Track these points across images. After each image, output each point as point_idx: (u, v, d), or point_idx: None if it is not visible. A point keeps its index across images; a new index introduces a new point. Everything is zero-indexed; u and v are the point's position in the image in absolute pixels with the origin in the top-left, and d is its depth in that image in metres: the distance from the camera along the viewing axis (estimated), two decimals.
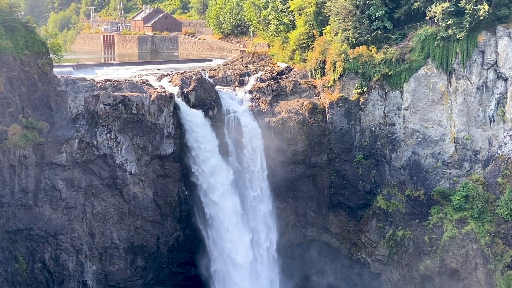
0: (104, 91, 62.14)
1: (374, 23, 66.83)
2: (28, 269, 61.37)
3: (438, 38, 62.77)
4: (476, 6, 60.71)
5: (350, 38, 67.16)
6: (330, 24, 70.34)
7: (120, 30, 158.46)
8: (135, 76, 70.07)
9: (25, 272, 61.04)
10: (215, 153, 64.40)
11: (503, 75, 60.88)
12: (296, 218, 69.43)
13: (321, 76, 69.43)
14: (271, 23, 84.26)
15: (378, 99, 65.44)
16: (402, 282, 63.92)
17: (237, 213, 64.94)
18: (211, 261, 65.56)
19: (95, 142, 61.63)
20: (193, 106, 64.94)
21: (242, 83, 71.47)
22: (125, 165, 63.32)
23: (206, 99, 65.68)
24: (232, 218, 64.54)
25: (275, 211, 67.73)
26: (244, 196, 66.50)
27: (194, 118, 64.42)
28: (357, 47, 66.55)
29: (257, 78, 71.08)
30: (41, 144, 59.54)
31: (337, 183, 67.66)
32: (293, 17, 78.86)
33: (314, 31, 73.42)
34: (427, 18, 64.32)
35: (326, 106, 67.04)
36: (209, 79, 68.99)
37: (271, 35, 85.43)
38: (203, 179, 64.44)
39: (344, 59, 66.30)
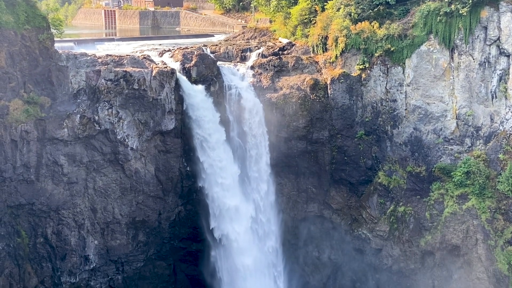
0: (106, 66, 61.96)
1: None
2: (31, 243, 61.68)
3: (440, 13, 62.44)
4: None
5: (352, 14, 66.86)
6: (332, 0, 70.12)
7: (121, 5, 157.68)
8: (136, 52, 69.80)
9: (27, 246, 61.37)
10: (216, 128, 64.38)
11: (505, 51, 60.62)
12: (297, 193, 69.59)
13: (323, 52, 69.21)
14: None
15: (380, 75, 65.27)
16: (402, 257, 64.17)
17: (238, 188, 65.00)
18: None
19: (96, 118, 61.58)
20: (194, 81, 64.80)
21: (243, 59, 71.20)
22: (126, 140, 63.34)
23: (207, 74, 65.54)
24: (234, 194, 64.62)
25: (276, 187, 67.84)
26: (245, 171, 66.51)
27: (195, 94, 64.28)
28: (359, 23, 66.26)
29: (259, 54, 70.84)
30: (42, 119, 59.48)
31: (339, 159, 67.72)
32: None
33: (316, 6, 73.09)
34: None
35: (328, 82, 66.89)
36: (211, 55, 68.77)
37: (273, 11, 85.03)
38: (204, 154, 64.42)
39: (346, 35, 66.04)
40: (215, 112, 64.53)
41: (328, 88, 66.94)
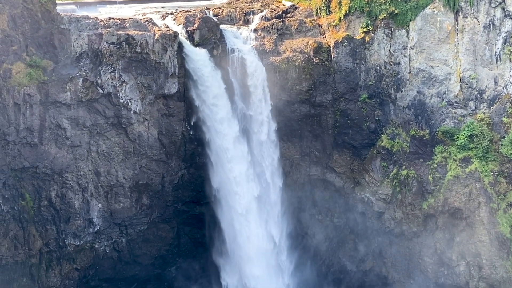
0: (108, 29, 61.57)
1: None
2: (35, 206, 62.00)
3: None
4: None
5: None
6: None
7: None
8: (138, 15, 69.34)
9: (31, 209, 61.70)
10: (219, 91, 64.26)
11: (510, 13, 60.11)
12: (300, 157, 69.67)
13: (327, 15, 68.73)
14: None
15: (383, 38, 64.87)
16: (405, 220, 64.43)
17: (241, 152, 65.13)
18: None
19: (99, 81, 61.44)
20: (197, 45, 64.50)
21: (246, 22, 70.71)
22: (129, 104, 63.28)
23: (210, 38, 65.21)
24: (236, 155, 64.80)
25: (279, 150, 67.91)
26: (248, 135, 66.52)
27: (198, 57, 64.04)
28: None
29: (262, 17, 70.34)
30: (45, 82, 59.33)
31: (342, 123, 67.65)
32: None
33: None
34: None
35: (331, 45, 66.53)
36: (214, 18, 68.31)
37: None
38: (207, 116, 64.43)
39: None
40: (217, 75, 64.32)
41: (332, 51, 66.61)
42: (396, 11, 63.84)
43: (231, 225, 65.42)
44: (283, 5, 77.16)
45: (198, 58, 63.94)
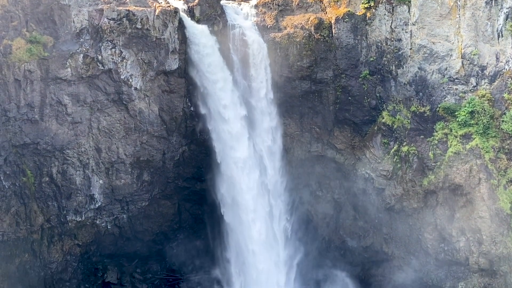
0: (108, 5, 61.40)
1: None
2: (36, 182, 62.15)
3: None
4: None
5: None
6: None
7: None
8: None
9: (33, 185, 61.87)
10: (220, 68, 64.17)
11: None
12: (301, 133, 69.65)
13: None
14: None
15: (385, 14, 64.60)
16: (405, 197, 64.54)
17: (242, 126, 65.15)
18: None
19: (99, 57, 61.39)
20: (198, 21, 64.31)
21: None
22: (130, 80, 63.24)
23: (211, 14, 65.01)
24: (237, 131, 64.84)
25: (280, 127, 67.91)
26: (249, 112, 66.48)
27: (199, 33, 63.87)
28: None
29: None
30: (45, 58, 59.27)
31: (343, 99, 67.56)
32: None
33: None
34: None
35: (333, 22, 66.27)
36: None
37: None
38: (208, 93, 64.35)
39: None
40: (218, 51, 64.18)
41: (333, 27, 66.35)
42: None
43: (234, 201, 65.51)
44: None
45: (199, 34, 63.74)
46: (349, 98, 67.35)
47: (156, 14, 62.01)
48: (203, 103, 65.25)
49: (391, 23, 64.58)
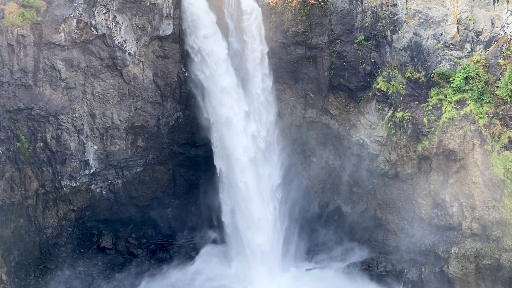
0: None
1: None
2: (30, 148, 62.21)
3: None
4: None
5: None
6: None
7: None
8: None
9: (27, 151, 61.93)
10: (215, 33, 63.89)
11: None
12: (296, 99, 69.55)
13: None
14: None
15: None
16: (400, 162, 64.61)
17: (236, 91, 65.04)
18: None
19: (93, 22, 61.09)
20: None
21: None
22: (124, 45, 63.04)
23: None
24: (231, 96, 64.68)
25: (275, 92, 67.79)
26: (244, 77, 66.28)
27: None
28: None
29: None
30: (38, 23, 58.95)
31: (338, 65, 67.37)
32: None
33: None
34: None
35: None
36: None
37: None
38: (201, 58, 64.11)
39: None
40: (213, 16, 63.87)
41: None
42: None
43: (228, 166, 65.61)
44: None
45: None
46: (344, 63, 67.15)
47: None
48: (197, 68, 64.96)
49: None
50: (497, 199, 58.69)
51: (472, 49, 61.88)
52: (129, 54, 63.47)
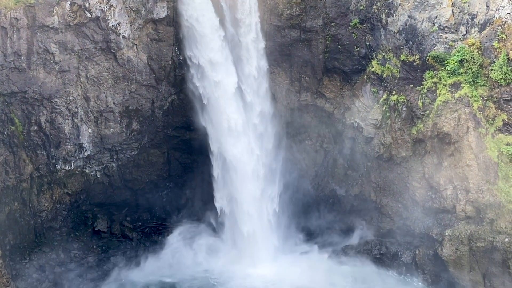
0: None
1: None
2: (24, 131, 62.12)
3: None
4: None
5: None
6: None
7: None
8: None
9: (21, 134, 61.83)
10: (209, 15, 63.61)
11: None
12: (290, 82, 69.52)
13: None
14: None
15: None
16: (394, 145, 64.65)
17: (230, 73, 64.82)
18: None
19: (87, 5, 60.82)
20: None
21: None
22: (118, 28, 62.80)
23: None
24: (225, 77, 64.48)
25: (269, 76, 67.66)
26: (238, 60, 66.07)
27: None
28: None
29: None
30: (32, 6, 58.67)
31: (332, 48, 67.28)
32: None
33: None
34: None
35: None
36: None
37: None
38: (196, 41, 63.88)
39: None
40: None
41: None
42: None
43: (222, 147, 65.51)
44: None
45: None
46: (339, 47, 67.08)
47: None
48: (192, 51, 64.76)
49: None
50: (491, 182, 58.79)
51: (467, 32, 61.76)
52: (123, 37, 63.26)
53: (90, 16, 61.27)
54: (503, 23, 59.04)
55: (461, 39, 61.88)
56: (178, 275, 64.67)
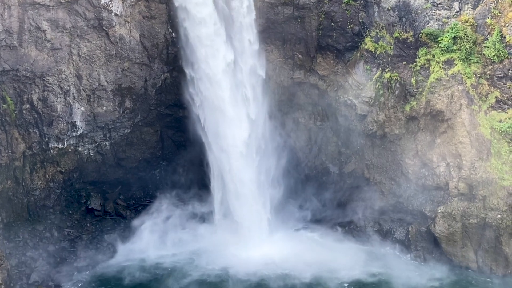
0: None
1: None
2: (17, 110, 61.92)
3: None
4: None
5: None
6: None
7: None
8: None
9: (13, 113, 61.62)
10: None
11: None
12: (283, 60, 69.26)
13: None
14: None
15: None
16: (387, 123, 64.64)
17: (224, 51, 64.46)
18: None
19: None
20: None
21: None
22: (110, 5, 62.45)
23: None
24: (218, 54, 64.10)
25: (262, 53, 67.35)
26: (232, 38, 65.68)
27: None
28: None
29: None
30: None
31: (326, 25, 66.97)
32: None
33: None
34: None
35: None
36: None
37: None
38: (188, 19, 63.52)
39: None
40: None
41: None
42: None
43: (214, 124, 65.30)
44: None
45: None
46: (332, 24, 66.76)
47: None
48: (184, 29, 64.40)
49: None
50: (484, 159, 58.95)
51: (460, 9, 61.60)
52: (115, 14, 62.89)
53: None
54: None
55: (455, 16, 61.71)
56: (164, 253, 64.61)
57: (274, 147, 69.04)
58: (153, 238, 66.02)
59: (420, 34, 62.27)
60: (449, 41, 60.67)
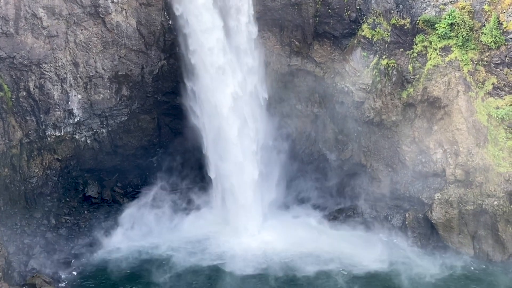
0: None
1: None
2: (13, 97, 61.78)
3: None
4: None
5: None
6: None
7: None
8: None
9: (10, 100, 61.49)
10: None
11: None
12: (280, 47, 69.17)
13: None
14: None
15: None
16: (384, 110, 64.64)
17: (221, 39, 64.32)
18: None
19: None
20: None
21: None
22: None
23: None
24: (216, 44, 63.93)
25: (260, 40, 67.23)
26: (229, 25, 65.49)
27: None
28: None
29: None
30: None
31: (323, 12, 66.82)
32: None
33: None
34: None
35: None
36: None
37: None
38: (185, 7, 63.38)
39: None
40: None
41: None
42: None
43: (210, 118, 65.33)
44: None
45: None
46: (329, 10, 66.61)
47: None
48: (181, 17, 64.23)
49: None
50: (481, 146, 59.06)
51: None
52: (112, 1, 62.77)
53: None
54: None
55: (452, 2, 61.57)
56: (161, 240, 64.70)
57: (271, 133, 69.01)
58: (150, 225, 66.11)
59: (417, 21, 62.17)
60: (446, 27, 60.59)
